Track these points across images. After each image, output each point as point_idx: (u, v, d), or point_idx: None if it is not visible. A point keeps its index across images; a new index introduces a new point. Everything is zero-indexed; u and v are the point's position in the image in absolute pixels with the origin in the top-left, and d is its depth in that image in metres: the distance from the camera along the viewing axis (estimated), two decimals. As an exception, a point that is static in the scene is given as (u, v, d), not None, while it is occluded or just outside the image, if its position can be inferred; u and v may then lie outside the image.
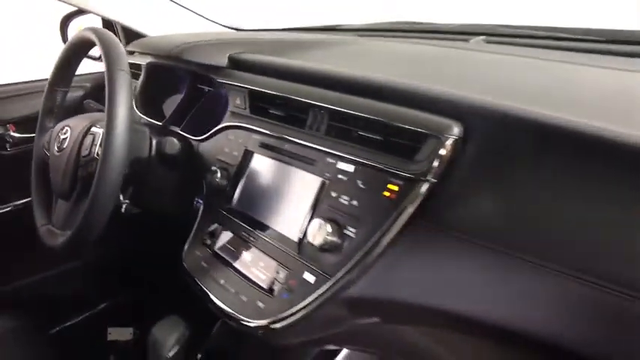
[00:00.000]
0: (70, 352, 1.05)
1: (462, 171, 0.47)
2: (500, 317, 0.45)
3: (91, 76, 1.20)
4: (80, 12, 1.28)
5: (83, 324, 1.23)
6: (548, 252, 0.41)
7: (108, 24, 1.24)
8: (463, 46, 0.83)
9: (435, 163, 0.48)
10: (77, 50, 0.85)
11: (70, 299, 1.20)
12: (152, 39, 1.07)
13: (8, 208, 1.10)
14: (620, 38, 0.72)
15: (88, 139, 0.76)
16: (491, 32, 0.89)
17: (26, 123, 1.11)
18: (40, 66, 1.11)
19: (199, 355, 0.79)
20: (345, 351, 0.66)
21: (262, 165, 0.68)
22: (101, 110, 0.74)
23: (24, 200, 1.11)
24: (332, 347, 0.66)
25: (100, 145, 0.72)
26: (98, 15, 1.19)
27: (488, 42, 0.87)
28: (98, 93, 1.16)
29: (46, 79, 0.94)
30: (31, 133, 1.12)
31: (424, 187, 0.48)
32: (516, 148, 0.45)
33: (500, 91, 0.52)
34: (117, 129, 0.65)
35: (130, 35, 1.20)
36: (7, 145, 1.11)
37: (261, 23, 1.32)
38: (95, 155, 0.74)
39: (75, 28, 1.34)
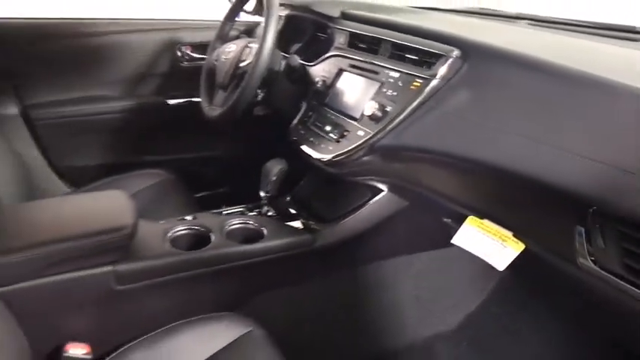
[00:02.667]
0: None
1: (458, 76, 0.83)
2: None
3: (244, 23, 1.68)
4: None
5: (211, 198, 1.72)
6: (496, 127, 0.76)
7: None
8: (508, 23, 1.15)
9: (441, 71, 0.84)
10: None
11: (209, 176, 1.71)
12: None
13: (178, 101, 1.63)
14: (614, 28, 1.01)
15: (246, 51, 1.21)
16: (534, 19, 1.20)
17: (198, 47, 1.63)
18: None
19: (288, 198, 1.23)
20: (385, 192, 1.05)
21: (347, 77, 1.09)
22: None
23: (186, 99, 1.63)
24: (376, 184, 1.04)
25: (253, 54, 1.17)
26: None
27: (529, 24, 1.18)
28: (247, 33, 1.64)
29: (212, 20, 1.42)
30: (200, 54, 1.64)
31: (432, 84, 0.85)
32: (489, 68, 0.80)
33: (502, 39, 0.86)
34: (266, 44, 1.09)
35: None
36: (185, 62, 1.63)
37: None
38: (249, 61, 1.19)
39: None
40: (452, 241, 0.79)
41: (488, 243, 0.72)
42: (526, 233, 0.70)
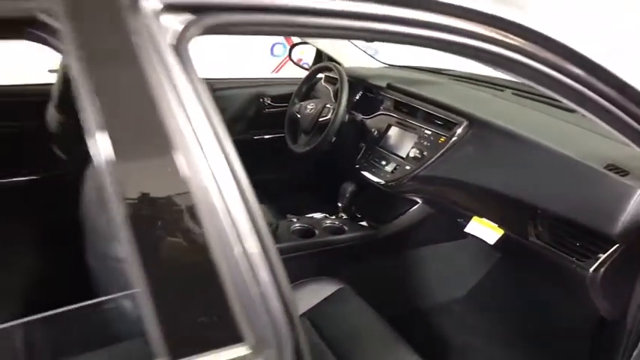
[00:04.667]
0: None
1: (467, 136, 1.43)
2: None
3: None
4: (302, 43, 2.38)
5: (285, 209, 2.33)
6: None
7: (318, 52, 2.33)
8: (499, 94, 1.76)
9: (457, 132, 1.44)
10: (319, 70, 1.94)
11: (283, 193, 2.31)
12: (352, 68, 2.12)
13: (260, 137, 2.24)
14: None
15: (325, 110, 1.82)
16: (517, 88, 1.80)
17: (275, 97, 2.24)
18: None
19: (353, 207, 1.83)
20: (419, 203, 1.65)
21: (394, 130, 1.70)
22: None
23: (266, 136, 2.24)
24: (417, 199, 1.64)
25: (332, 111, 1.77)
26: (315, 47, 2.29)
27: (514, 94, 1.78)
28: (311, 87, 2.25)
29: (284, 78, 2.02)
30: (278, 103, 2.25)
31: (453, 139, 1.45)
32: (484, 133, 1.40)
33: (492, 112, 1.46)
34: (342, 107, 1.71)
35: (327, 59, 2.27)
36: (266, 109, 2.24)
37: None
38: (328, 116, 1.79)
39: (297, 52, 2.46)
40: (465, 230, 1.39)
41: (484, 230, 1.32)
42: (504, 224, 1.30)
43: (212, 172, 0.54)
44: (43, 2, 0.47)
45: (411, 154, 1.54)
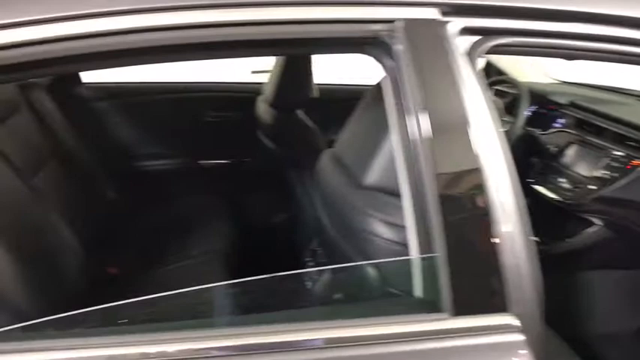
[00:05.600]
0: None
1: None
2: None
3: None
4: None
5: None
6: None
7: (487, 65, 2.35)
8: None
9: (653, 158, 1.39)
10: (496, 83, 1.98)
11: None
12: (531, 83, 2.12)
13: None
14: None
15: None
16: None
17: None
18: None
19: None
20: (598, 224, 1.60)
21: (575, 148, 1.67)
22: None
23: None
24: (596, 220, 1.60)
25: (503, 124, 1.80)
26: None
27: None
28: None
29: None
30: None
31: (645, 166, 1.40)
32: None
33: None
34: (520, 121, 1.73)
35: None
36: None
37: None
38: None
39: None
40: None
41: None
42: None
43: (491, 153, 0.66)
44: (391, 25, 0.62)
45: (596, 174, 1.51)
